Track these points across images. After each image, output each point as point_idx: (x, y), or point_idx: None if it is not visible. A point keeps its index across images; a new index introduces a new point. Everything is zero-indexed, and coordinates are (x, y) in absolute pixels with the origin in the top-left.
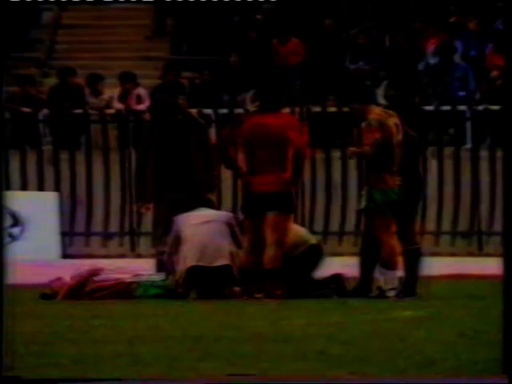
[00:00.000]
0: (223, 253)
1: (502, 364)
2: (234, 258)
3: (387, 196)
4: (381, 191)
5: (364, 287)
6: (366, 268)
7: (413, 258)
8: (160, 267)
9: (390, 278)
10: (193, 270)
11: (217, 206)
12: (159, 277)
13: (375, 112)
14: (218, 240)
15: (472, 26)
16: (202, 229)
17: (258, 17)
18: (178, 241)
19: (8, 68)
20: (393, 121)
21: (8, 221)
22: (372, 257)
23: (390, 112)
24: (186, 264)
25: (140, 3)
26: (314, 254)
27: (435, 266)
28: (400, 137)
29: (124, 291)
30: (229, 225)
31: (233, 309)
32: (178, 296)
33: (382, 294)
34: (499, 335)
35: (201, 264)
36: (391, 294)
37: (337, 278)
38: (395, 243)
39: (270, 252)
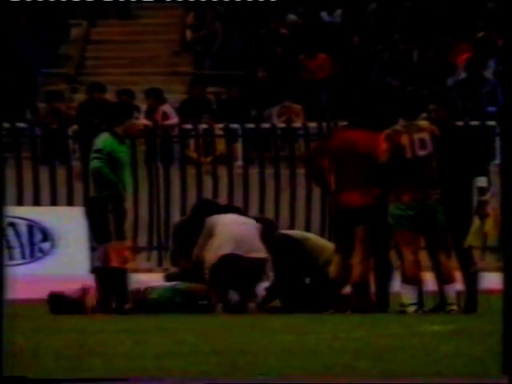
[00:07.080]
0: (259, 248)
1: (502, 364)
2: (268, 258)
3: (402, 211)
4: (395, 206)
5: (381, 303)
6: (380, 283)
7: (471, 278)
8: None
9: (410, 294)
10: (228, 259)
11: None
12: (172, 284)
13: (394, 127)
14: (253, 237)
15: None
16: (236, 226)
17: (284, 31)
18: (209, 235)
19: (38, 84)
20: (411, 136)
21: (38, 236)
22: (384, 271)
23: (421, 125)
24: (219, 253)
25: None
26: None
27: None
28: (422, 153)
29: (140, 299)
30: (258, 230)
31: (259, 323)
32: (198, 306)
33: (403, 310)
34: None
35: (237, 253)
36: (411, 309)
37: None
38: (415, 258)
39: (358, 268)
